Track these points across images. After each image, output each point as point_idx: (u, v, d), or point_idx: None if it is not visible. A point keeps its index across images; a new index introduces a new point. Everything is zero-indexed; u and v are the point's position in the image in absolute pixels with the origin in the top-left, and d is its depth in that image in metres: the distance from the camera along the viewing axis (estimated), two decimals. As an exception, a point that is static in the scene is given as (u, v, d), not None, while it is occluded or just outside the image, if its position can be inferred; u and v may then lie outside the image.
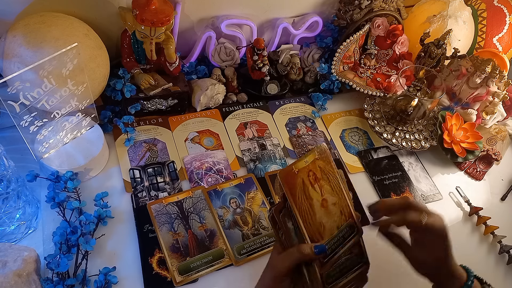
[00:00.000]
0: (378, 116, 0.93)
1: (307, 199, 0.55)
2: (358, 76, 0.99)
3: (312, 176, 0.56)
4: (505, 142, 0.99)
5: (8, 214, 0.61)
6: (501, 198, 0.90)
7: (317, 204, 0.55)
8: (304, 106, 0.97)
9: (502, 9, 1.01)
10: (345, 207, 0.57)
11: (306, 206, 0.54)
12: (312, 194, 0.55)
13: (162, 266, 0.66)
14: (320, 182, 0.56)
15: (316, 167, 0.56)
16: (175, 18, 0.84)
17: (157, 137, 0.84)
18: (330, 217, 0.56)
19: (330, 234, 0.55)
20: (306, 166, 0.56)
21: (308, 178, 0.56)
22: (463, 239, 0.82)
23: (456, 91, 0.96)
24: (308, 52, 1.02)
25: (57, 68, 0.61)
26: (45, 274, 0.62)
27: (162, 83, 0.83)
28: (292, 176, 0.55)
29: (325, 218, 0.55)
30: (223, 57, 0.96)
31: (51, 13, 0.70)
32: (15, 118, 0.59)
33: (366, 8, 0.96)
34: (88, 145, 0.74)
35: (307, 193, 0.55)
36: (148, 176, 0.77)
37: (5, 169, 0.59)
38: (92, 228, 0.67)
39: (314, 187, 0.56)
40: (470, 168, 0.94)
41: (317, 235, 0.54)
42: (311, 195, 0.55)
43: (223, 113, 0.91)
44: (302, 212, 0.54)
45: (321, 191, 0.56)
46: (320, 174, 0.56)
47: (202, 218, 0.73)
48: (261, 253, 0.71)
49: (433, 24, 0.99)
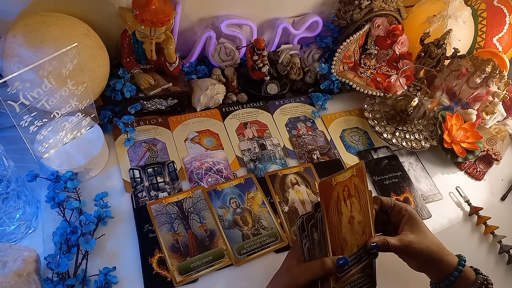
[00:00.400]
0: (378, 116, 0.93)
1: (338, 213, 0.55)
2: (358, 76, 0.99)
3: (347, 191, 0.57)
4: (505, 142, 0.99)
5: (8, 214, 0.61)
6: (501, 198, 0.90)
7: (345, 219, 0.56)
8: (304, 106, 0.97)
9: (502, 9, 1.01)
10: (367, 227, 0.59)
11: (336, 220, 0.55)
12: (343, 209, 0.56)
13: (162, 266, 0.66)
14: (352, 199, 0.57)
15: (352, 183, 0.57)
16: (175, 18, 0.84)
17: (157, 137, 0.84)
18: (353, 234, 0.57)
19: (350, 251, 0.57)
20: (343, 181, 0.56)
21: (342, 192, 0.56)
22: (463, 239, 0.82)
23: (456, 91, 0.96)
24: (308, 52, 1.02)
25: (57, 68, 0.61)
26: (45, 274, 0.62)
27: (162, 83, 0.83)
28: (330, 189, 0.54)
29: (349, 235, 0.57)
30: (223, 57, 0.96)
31: (51, 13, 0.70)
32: (15, 118, 0.59)
33: (366, 8, 0.96)
34: (88, 145, 0.74)
35: (339, 207, 0.55)
36: (148, 176, 0.77)
37: (5, 169, 0.59)
38: (92, 228, 0.67)
39: (346, 202, 0.56)
40: (470, 168, 0.94)
41: (339, 249, 0.55)
42: (342, 210, 0.56)
43: (223, 113, 0.92)
44: (331, 225, 0.54)
45: (351, 208, 0.57)
46: (354, 191, 0.57)
47: (202, 218, 0.73)
48: (261, 253, 0.71)
49: (433, 24, 0.99)
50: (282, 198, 0.78)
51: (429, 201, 0.85)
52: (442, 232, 0.81)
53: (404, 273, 0.65)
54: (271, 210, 0.76)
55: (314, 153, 0.88)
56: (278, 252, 0.72)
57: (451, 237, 0.81)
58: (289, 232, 0.74)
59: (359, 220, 0.58)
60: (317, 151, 0.88)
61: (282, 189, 0.80)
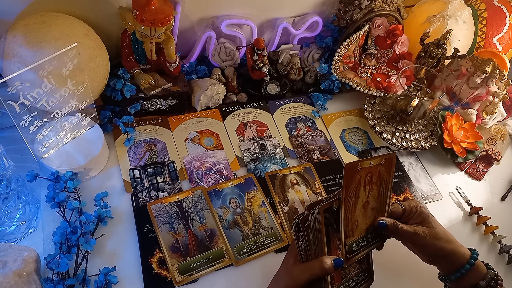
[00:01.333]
0: (378, 116, 0.93)
1: (355, 197, 0.57)
2: (358, 76, 0.99)
3: (369, 177, 0.58)
4: (505, 142, 0.99)
5: (8, 214, 0.61)
6: (501, 198, 0.90)
7: (360, 203, 0.58)
8: (304, 106, 0.97)
9: (502, 9, 1.01)
10: (381, 213, 0.61)
11: (352, 202, 0.57)
12: (361, 193, 0.58)
13: (162, 266, 0.66)
14: (372, 185, 0.59)
15: (377, 171, 0.59)
16: (175, 18, 0.84)
17: (157, 137, 0.84)
18: (365, 219, 0.59)
19: (359, 234, 0.59)
20: (369, 167, 0.58)
21: (365, 178, 0.58)
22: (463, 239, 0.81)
23: (456, 91, 0.96)
24: (308, 52, 1.02)
25: (57, 68, 0.61)
26: (45, 274, 0.62)
27: (162, 83, 0.83)
28: (354, 172, 0.56)
29: (360, 218, 0.58)
30: (223, 57, 0.96)
31: (51, 13, 0.70)
32: (15, 118, 0.59)
33: (366, 8, 0.96)
34: (88, 145, 0.74)
35: (358, 191, 0.57)
36: (148, 176, 0.77)
37: (5, 169, 0.59)
38: (92, 228, 0.67)
39: (365, 188, 0.58)
40: (470, 168, 0.94)
41: (349, 231, 0.57)
42: (359, 194, 0.58)
43: (223, 113, 0.92)
44: (347, 207, 0.56)
45: (368, 193, 0.59)
46: (376, 178, 0.59)
47: (202, 218, 0.73)
48: (261, 253, 0.71)
49: (433, 24, 0.99)
50: (282, 198, 0.78)
51: (429, 201, 0.85)
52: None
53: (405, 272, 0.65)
54: (271, 210, 0.76)
55: (314, 153, 0.88)
56: (278, 252, 0.72)
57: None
58: (289, 232, 0.74)
59: (373, 206, 0.60)
60: (317, 151, 0.88)
61: (282, 189, 0.80)
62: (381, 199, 0.61)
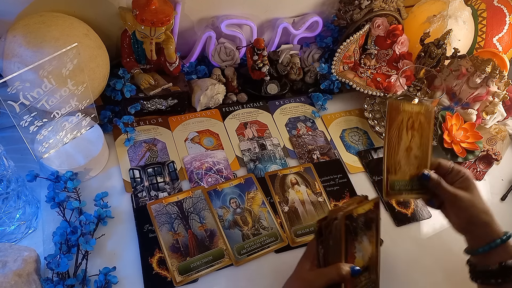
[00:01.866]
0: (378, 116, 0.93)
1: (398, 137, 0.63)
2: (358, 76, 0.99)
3: (411, 122, 0.64)
4: (505, 142, 0.99)
5: (8, 214, 0.61)
6: (501, 198, 0.90)
7: (403, 146, 0.64)
8: (304, 106, 0.97)
9: (502, 9, 1.01)
10: (424, 164, 0.65)
11: (395, 141, 0.63)
12: (403, 136, 0.64)
13: (162, 266, 0.66)
14: (414, 132, 0.65)
15: (418, 119, 0.65)
16: (175, 18, 0.84)
17: (157, 137, 0.84)
18: (408, 164, 0.64)
19: (402, 177, 0.63)
20: (410, 111, 0.63)
21: (407, 121, 0.64)
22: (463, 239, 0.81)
23: (456, 91, 0.96)
24: (308, 52, 1.02)
25: (57, 68, 0.61)
26: (45, 274, 0.62)
27: (162, 83, 0.83)
28: (397, 111, 0.62)
29: (403, 161, 0.64)
30: (223, 57, 0.96)
31: (51, 13, 0.70)
32: (15, 118, 0.59)
33: (366, 8, 0.96)
34: (88, 145, 0.74)
35: (400, 133, 0.63)
36: (148, 176, 0.77)
37: (5, 169, 0.59)
38: (92, 228, 0.67)
39: (408, 132, 0.64)
40: (470, 168, 0.94)
41: (392, 168, 0.62)
42: (402, 136, 0.64)
43: (223, 113, 0.92)
44: (390, 144, 0.62)
45: (411, 139, 0.64)
46: (417, 125, 0.65)
47: (202, 218, 0.73)
48: (261, 253, 0.71)
49: (433, 24, 0.99)
50: (282, 198, 0.78)
51: (429, 201, 0.85)
52: (442, 232, 0.81)
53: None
54: (271, 210, 0.76)
55: (314, 153, 0.88)
56: (278, 252, 0.72)
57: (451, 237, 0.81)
58: (289, 232, 0.74)
59: (416, 154, 0.65)
60: (317, 151, 0.88)
61: (282, 189, 0.80)
62: (423, 148, 0.65)
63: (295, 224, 0.75)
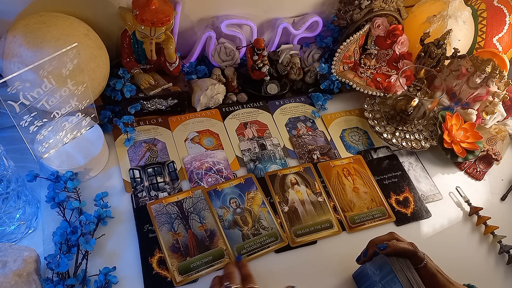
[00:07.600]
0: (378, 116, 0.93)
1: (340, 184, 0.80)
2: (358, 76, 0.99)
3: (346, 171, 0.82)
4: (505, 142, 0.99)
5: (8, 214, 0.61)
6: (501, 198, 0.90)
7: (349, 188, 0.80)
8: (304, 106, 0.97)
9: (502, 9, 1.01)
10: (376, 197, 0.81)
11: (339, 187, 0.79)
12: (345, 181, 0.81)
13: (162, 266, 0.66)
14: (353, 176, 0.81)
15: (351, 167, 0.83)
16: (175, 18, 0.84)
17: (157, 137, 0.84)
18: (361, 200, 0.79)
19: (360, 210, 0.78)
20: (341, 165, 0.82)
21: (342, 171, 0.82)
22: (463, 239, 0.82)
23: (456, 91, 0.96)
24: (308, 52, 1.02)
25: (57, 68, 0.61)
26: (45, 274, 0.62)
27: (162, 83, 0.83)
28: (329, 168, 0.82)
29: (355, 199, 0.79)
30: (223, 57, 0.96)
31: (51, 13, 0.70)
32: (15, 118, 0.59)
33: (366, 8, 0.96)
34: (88, 145, 0.74)
35: (340, 180, 0.80)
36: (148, 176, 0.77)
37: (5, 169, 0.59)
38: (92, 228, 0.67)
39: (347, 178, 0.81)
40: (470, 168, 0.94)
41: (347, 207, 0.78)
42: (343, 182, 0.81)
43: (223, 113, 0.91)
44: (335, 190, 0.80)
45: (353, 182, 0.81)
46: (353, 171, 0.83)
47: (202, 218, 0.73)
48: (261, 253, 0.71)
49: (433, 24, 0.99)
50: (282, 198, 0.78)
51: (429, 201, 0.85)
52: (442, 232, 0.81)
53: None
54: (271, 210, 0.76)
55: (314, 153, 0.88)
56: (278, 252, 0.72)
57: (451, 237, 0.81)
58: (289, 232, 0.74)
59: (365, 191, 0.81)
60: (317, 151, 0.88)
61: (282, 189, 0.80)
62: (369, 185, 0.82)
63: (295, 224, 0.75)
